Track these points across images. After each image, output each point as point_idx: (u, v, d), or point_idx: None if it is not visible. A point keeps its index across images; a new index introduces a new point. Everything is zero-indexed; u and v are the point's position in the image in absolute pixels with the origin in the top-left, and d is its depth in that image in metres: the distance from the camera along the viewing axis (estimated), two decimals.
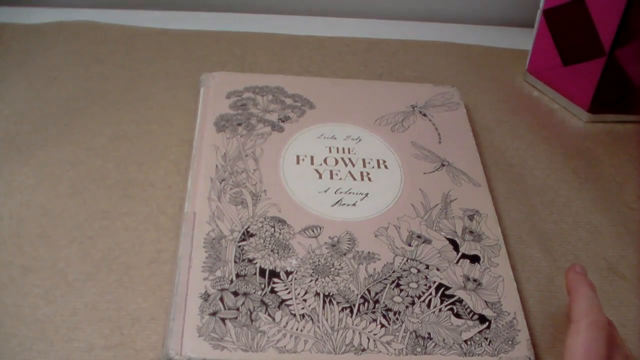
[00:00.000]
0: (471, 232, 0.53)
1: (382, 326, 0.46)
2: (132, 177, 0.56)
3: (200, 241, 0.49)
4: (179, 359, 0.43)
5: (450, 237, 0.52)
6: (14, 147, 0.58)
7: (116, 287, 0.49)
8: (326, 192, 0.54)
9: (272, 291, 0.47)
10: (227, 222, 0.50)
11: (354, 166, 0.56)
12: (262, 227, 0.51)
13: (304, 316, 0.46)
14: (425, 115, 0.63)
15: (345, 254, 0.50)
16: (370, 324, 0.46)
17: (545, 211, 0.58)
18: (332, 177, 0.55)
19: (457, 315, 0.47)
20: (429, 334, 0.46)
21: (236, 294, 0.46)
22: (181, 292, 0.46)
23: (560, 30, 0.67)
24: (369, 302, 0.47)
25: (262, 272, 0.48)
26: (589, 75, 0.66)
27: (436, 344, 0.45)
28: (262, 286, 0.47)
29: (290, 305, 0.46)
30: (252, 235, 0.50)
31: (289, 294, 0.47)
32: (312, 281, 0.48)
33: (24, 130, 0.60)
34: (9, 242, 0.51)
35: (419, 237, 0.52)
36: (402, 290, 0.48)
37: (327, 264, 0.49)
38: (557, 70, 0.69)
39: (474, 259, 0.51)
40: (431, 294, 0.48)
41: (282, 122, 0.60)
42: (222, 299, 0.46)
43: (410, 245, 0.51)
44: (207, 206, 0.51)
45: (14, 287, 0.48)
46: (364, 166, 0.57)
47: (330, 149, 0.58)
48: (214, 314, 0.45)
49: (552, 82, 0.70)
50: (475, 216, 0.54)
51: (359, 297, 0.47)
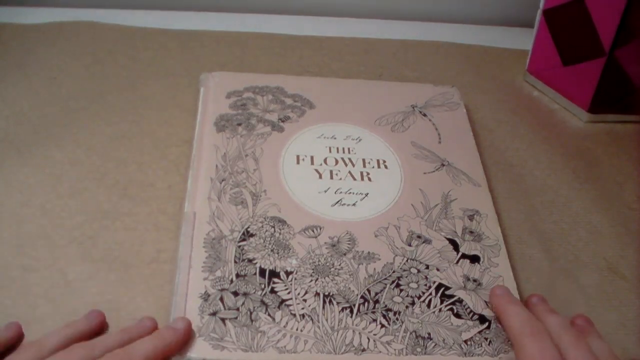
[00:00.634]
0: (471, 232, 0.53)
1: (382, 326, 0.46)
2: (132, 177, 0.56)
3: (200, 241, 0.49)
4: (179, 359, 0.43)
5: (450, 237, 0.52)
6: (14, 147, 0.58)
7: (116, 287, 0.49)
8: (326, 192, 0.54)
9: (272, 291, 0.47)
10: (227, 222, 0.50)
11: (354, 166, 0.56)
12: (262, 227, 0.51)
13: (304, 316, 0.46)
14: (425, 115, 0.63)
15: (345, 254, 0.50)
16: (370, 324, 0.46)
17: (545, 211, 0.58)
18: (332, 177, 0.55)
19: (457, 315, 0.47)
20: (429, 334, 0.46)
21: (236, 294, 0.46)
22: (181, 292, 0.46)
23: (560, 30, 0.67)
24: (369, 302, 0.47)
25: (262, 272, 0.48)
26: (589, 75, 0.66)
27: (436, 344, 0.45)
28: (262, 286, 0.47)
29: (290, 305, 0.46)
30: (252, 235, 0.50)
31: (289, 294, 0.47)
32: (312, 281, 0.48)
33: (24, 130, 0.60)
34: (9, 242, 0.51)
35: (419, 237, 0.52)
36: (402, 290, 0.48)
37: (327, 264, 0.49)
38: (557, 70, 0.69)
39: (474, 259, 0.51)
40: (431, 294, 0.48)
41: (282, 122, 0.59)
42: (222, 299, 0.46)
43: (410, 245, 0.51)
44: (207, 206, 0.51)
45: (14, 287, 0.48)
46: (364, 166, 0.57)
47: (330, 149, 0.58)
48: (214, 314, 0.45)
49: (552, 82, 0.70)
50: (475, 216, 0.54)
51: (359, 297, 0.47)
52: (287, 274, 0.48)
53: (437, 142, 0.60)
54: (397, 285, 0.48)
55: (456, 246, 0.52)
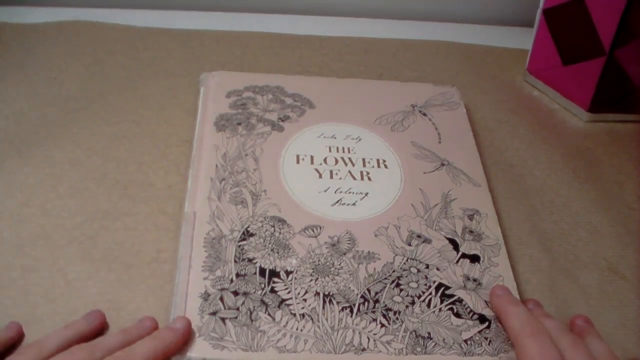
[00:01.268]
0: (471, 231, 0.53)
1: (382, 326, 0.46)
2: (132, 177, 0.56)
3: (200, 241, 0.49)
4: (179, 359, 0.43)
5: (450, 236, 0.52)
6: (14, 147, 0.58)
7: (116, 287, 0.48)
8: (326, 191, 0.54)
9: (272, 291, 0.47)
10: (227, 222, 0.50)
11: (353, 166, 0.56)
12: (262, 226, 0.51)
13: (304, 316, 0.46)
14: (425, 115, 0.63)
15: (345, 254, 0.50)
16: (370, 323, 0.46)
17: (545, 211, 0.58)
18: (332, 177, 0.55)
19: (457, 315, 0.47)
20: (429, 333, 0.46)
21: (236, 293, 0.46)
22: (181, 291, 0.46)
23: (560, 30, 0.67)
24: (369, 301, 0.47)
25: (262, 271, 0.48)
26: (589, 75, 0.66)
27: (436, 344, 0.45)
28: (262, 286, 0.47)
29: (290, 304, 0.46)
30: (252, 234, 0.50)
31: (289, 293, 0.47)
32: (312, 281, 0.48)
33: (24, 130, 0.60)
34: (9, 242, 0.51)
35: (419, 236, 0.52)
36: (402, 290, 0.48)
37: (327, 264, 0.49)
38: (557, 70, 0.69)
39: (474, 259, 0.51)
40: (431, 294, 0.48)
41: (282, 121, 0.59)
42: (222, 299, 0.46)
43: (410, 244, 0.51)
44: (207, 206, 0.51)
45: (14, 287, 0.48)
46: (364, 166, 0.57)
47: (330, 148, 0.58)
48: (214, 314, 0.45)
49: (552, 82, 0.70)
50: (475, 216, 0.54)
51: (359, 296, 0.47)
52: (287, 273, 0.48)
53: (437, 142, 0.60)
54: (397, 284, 0.48)
55: (456, 246, 0.52)
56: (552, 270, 0.54)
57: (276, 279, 0.47)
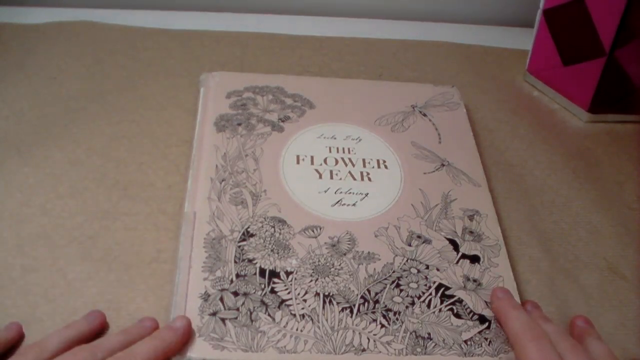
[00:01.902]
0: (471, 232, 0.53)
1: (382, 326, 0.46)
2: (132, 177, 0.56)
3: (200, 241, 0.49)
4: (179, 359, 0.43)
5: (450, 237, 0.52)
6: (14, 147, 0.58)
7: (116, 287, 0.49)
8: (326, 192, 0.54)
9: (272, 291, 0.47)
10: (227, 222, 0.50)
11: (354, 166, 0.56)
12: (262, 227, 0.51)
13: (304, 316, 0.46)
14: (425, 115, 0.63)
15: (345, 254, 0.50)
16: (370, 324, 0.46)
17: (545, 211, 0.58)
18: (332, 177, 0.55)
19: (457, 315, 0.47)
20: (429, 334, 0.46)
21: (236, 294, 0.46)
22: (181, 292, 0.46)
23: (560, 30, 0.67)
24: (369, 302, 0.47)
25: (262, 272, 0.48)
26: (589, 75, 0.66)
27: (436, 344, 0.45)
28: (262, 286, 0.47)
29: (290, 305, 0.46)
30: (252, 235, 0.50)
31: (289, 294, 0.47)
32: (312, 281, 0.48)
33: (24, 130, 0.60)
34: (9, 242, 0.51)
35: (419, 237, 0.52)
36: (402, 290, 0.48)
37: (327, 264, 0.49)
38: (557, 70, 0.69)
39: (474, 259, 0.51)
40: (431, 294, 0.48)
41: (282, 122, 0.59)
42: (222, 299, 0.46)
43: (410, 245, 0.51)
44: (207, 206, 0.51)
45: (14, 286, 0.48)
46: (364, 166, 0.57)
47: (330, 149, 0.58)
48: (214, 314, 0.45)
49: (552, 82, 0.70)
50: (475, 216, 0.54)
51: (359, 297, 0.47)
52: (287, 274, 0.48)
53: (437, 142, 0.60)
54: (397, 285, 0.48)
55: (456, 246, 0.52)
56: (552, 270, 0.54)
57: (276, 280, 0.47)
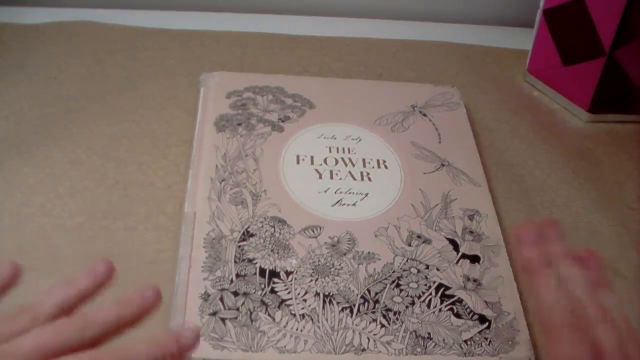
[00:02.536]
0: (471, 232, 0.53)
1: (382, 326, 0.46)
2: (132, 177, 0.56)
3: (200, 241, 0.49)
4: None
5: (450, 237, 0.52)
6: (14, 147, 0.58)
7: (116, 287, 0.48)
8: (326, 192, 0.54)
9: (272, 291, 0.47)
10: (227, 222, 0.50)
11: (354, 166, 0.56)
12: (262, 227, 0.51)
13: (304, 316, 0.46)
14: (425, 115, 0.63)
15: (345, 254, 0.50)
16: (370, 324, 0.46)
17: (545, 211, 0.58)
18: (332, 177, 0.55)
19: (457, 315, 0.47)
20: (429, 334, 0.46)
21: (236, 294, 0.46)
22: (181, 292, 0.46)
23: (560, 30, 0.67)
24: (369, 302, 0.47)
25: (262, 272, 0.48)
26: (589, 75, 0.66)
27: (436, 344, 0.45)
28: (262, 286, 0.47)
29: (290, 305, 0.46)
30: (252, 235, 0.50)
31: (289, 294, 0.47)
32: (312, 281, 0.48)
33: (24, 130, 0.60)
34: (9, 242, 0.51)
35: (419, 237, 0.52)
36: (402, 290, 0.48)
37: (327, 264, 0.49)
38: (557, 70, 0.69)
39: (474, 259, 0.51)
40: (431, 294, 0.48)
41: (282, 122, 0.59)
42: (222, 299, 0.46)
43: (410, 245, 0.51)
44: (207, 206, 0.51)
45: (13, 286, 0.48)
46: (364, 166, 0.57)
47: (330, 149, 0.58)
48: (214, 314, 0.45)
49: (552, 82, 0.70)
50: (475, 216, 0.54)
51: (359, 297, 0.47)
52: (287, 274, 0.48)
53: (437, 142, 0.60)
54: (397, 285, 0.48)
55: (456, 246, 0.52)
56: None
57: (276, 280, 0.47)
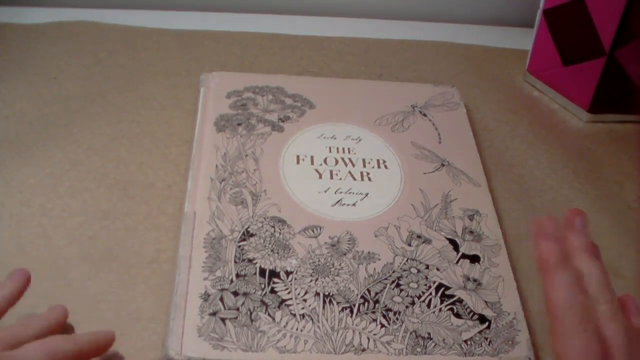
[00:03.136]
0: (471, 232, 0.53)
1: (382, 326, 0.46)
2: (132, 177, 0.56)
3: (200, 241, 0.49)
4: (179, 359, 0.43)
5: (450, 237, 0.52)
6: (14, 147, 0.58)
7: (116, 287, 0.49)
8: (326, 192, 0.54)
9: (272, 291, 0.47)
10: (227, 222, 0.50)
11: (354, 166, 0.56)
12: (262, 227, 0.51)
13: (304, 316, 0.46)
14: (425, 115, 0.63)
15: (345, 254, 0.50)
16: (370, 324, 0.46)
17: (545, 211, 0.58)
18: (332, 177, 0.55)
19: (457, 315, 0.47)
20: (429, 334, 0.46)
21: (236, 294, 0.46)
22: (181, 292, 0.46)
23: (560, 30, 0.67)
24: (369, 302, 0.47)
25: (262, 272, 0.48)
26: (589, 75, 0.66)
27: (436, 344, 0.45)
28: (262, 286, 0.47)
29: (290, 305, 0.46)
30: (252, 235, 0.50)
31: (289, 294, 0.47)
32: (312, 281, 0.48)
33: (24, 130, 0.60)
34: (9, 242, 0.51)
35: (419, 237, 0.52)
36: (402, 290, 0.48)
37: (327, 264, 0.49)
38: (557, 70, 0.69)
39: (474, 259, 0.51)
40: (431, 294, 0.48)
41: (282, 122, 0.59)
42: (222, 299, 0.46)
43: (410, 245, 0.51)
44: (207, 206, 0.51)
45: None
46: (364, 166, 0.57)
47: (330, 149, 0.58)
48: (214, 314, 0.45)
49: (552, 82, 0.70)
50: (475, 216, 0.54)
51: (359, 297, 0.47)
52: (287, 274, 0.48)
53: (437, 142, 0.60)
54: (397, 285, 0.48)
55: (456, 246, 0.52)
56: None
57: (276, 280, 0.47)
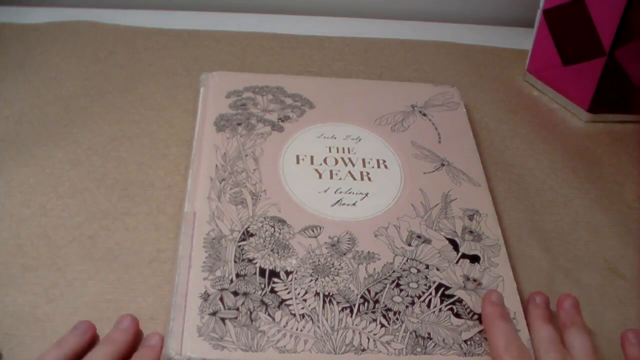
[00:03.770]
0: (471, 232, 0.53)
1: (382, 326, 0.46)
2: (132, 177, 0.56)
3: (200, 241, 0.49)
4: (178, 359, 0.43)
5: (450, 237, 0.52)
6: (14, 147, 0.58)
7: (116, 287, 0.49)
8: (326, 192, 0.54)
9: (272, 291, 0.47)
10: (227, 222, 0.50)
11: (353, 166, 0.56)
12: (262, 227, 0.51)
13: (304, 316, 0.46)
14: (425, 115, 0.63)
15: (345, 254, 0.50)
16: (370, 324, 0.46)
17: (545, 211, 0.58)
18: (332, 177, 0.55)
19: (457, 315, 0.47)
20: (429, 334, 0.46)
21: (236, 293, 0.46)
22: (181, 291, 0.46)
23: (560, 30, 0.67)
24: (369, 302, 0.47)
25: (262, 272, 0.48)
26: (589, 75, 0.66)
27: (436, 344, 0.45)
28: (262, 286, 0.47)
29: (290, 305, 0.46)
30: (252, 235, 0.50)
31: (289, 293, 0.47)
32: (312, 281, 0.48)
33: (24, 130, 0.60)
34: (9, 242, 0.51)
35: (419, 237, 0.52)
36: (402, 290, 0.48)
37: (327, 264, 0.49)
38: (557, 70, 0.69)
39: (474, 259, 0.51)
40: (431, 294, 0.48)
41: (282, 121, 0.60)
42: (222, 299, 0.46)
43: (410, 245, 0.51)
44: (207, 206, 0.51)
45: (13, 286, 0.48)
46: (364, 166, 0.57)
47: (330, 148, 0.58)
48: (214, 314, 0.45)
49: (552, 82, 0.70)
50: (475, 216, 0.54)
51: (359, 297, 0.47)
52: (287, 273, 0.48)
53: (437, 142, 0.60)
54: (397, 285, 0.48)
55: (456, 246, 0.52)
56: (552, 270, 0.54)
57: (276, 279, 0.47)
